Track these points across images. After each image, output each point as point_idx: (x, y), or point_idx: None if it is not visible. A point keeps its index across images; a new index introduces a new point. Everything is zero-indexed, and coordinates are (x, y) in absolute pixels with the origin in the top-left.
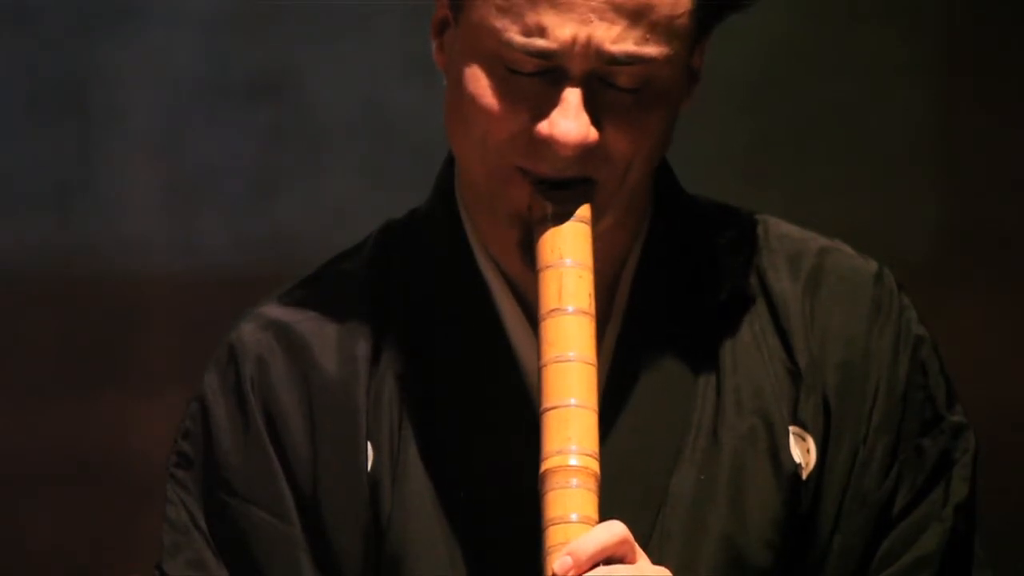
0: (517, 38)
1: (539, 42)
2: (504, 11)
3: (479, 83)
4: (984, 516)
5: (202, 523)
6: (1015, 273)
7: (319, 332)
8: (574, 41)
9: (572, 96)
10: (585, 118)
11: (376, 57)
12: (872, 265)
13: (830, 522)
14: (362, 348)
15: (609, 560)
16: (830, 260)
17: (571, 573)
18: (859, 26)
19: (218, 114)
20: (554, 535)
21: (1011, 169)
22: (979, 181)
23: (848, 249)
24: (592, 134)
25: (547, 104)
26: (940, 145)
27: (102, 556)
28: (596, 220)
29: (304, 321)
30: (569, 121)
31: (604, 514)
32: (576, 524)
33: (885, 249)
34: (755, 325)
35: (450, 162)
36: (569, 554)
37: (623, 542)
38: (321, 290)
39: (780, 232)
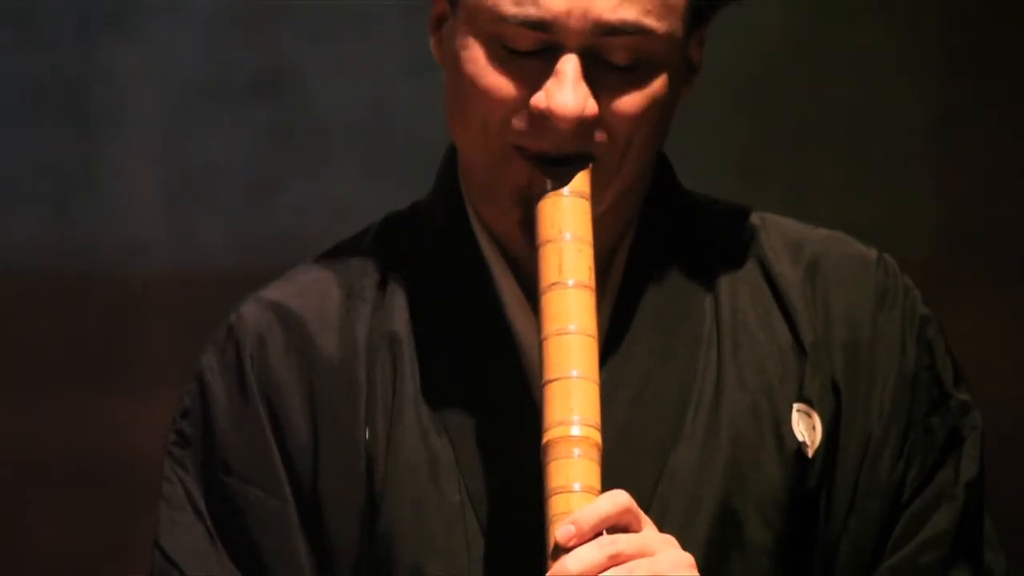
0: (511, 8)
1: (532, 11)
2: None
3: (477, 65)
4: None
5: (199, 501)
6: (1015, 273)
7: (319, 313)
8: (569, 13)
9: (569, 67)
10: (584, 89)
11: (377, 57)
12: (872, 251)
13: (844, 506)
14: (361, 329)
15: (613, 529)
16: (830, 247)
17: (573, 542)
18: (859, 25)
19: (218, 114)
20: (557, 504)
21: (1011, 169)
22: (979, 181)
23: (847, 237)
24: (591, 106)
25: (544, 79)
26: (940, 145)
27: (102, 556)
28: (595, 200)
29: (305, 304)
30: (566, 92)
31: (602, 488)
32: (579, 493)
33: (885, 249)
34: (757, 305)
35: (452, 152)
36: (572, 523)
37: (626, 511)
38: (321, 274)
39: (778, 224)
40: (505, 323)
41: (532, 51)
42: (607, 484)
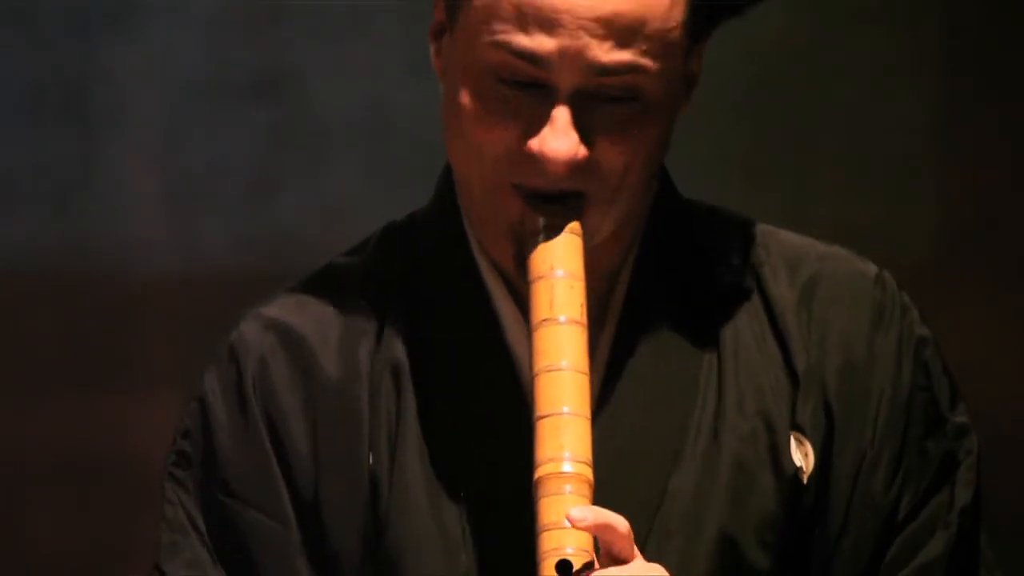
0: (503, 37)
1: (526, 43)
2: (494, 20)
3: (472, 98)
4: (984, 515)
5: (200, 523)
6: (1015, 273)
7: (321, 333)
8: (562, 54)
9: (561, 114)
10: (574, 136)
11: (377, 57)
12: (871, 268)
13: (837, 527)
14: (363, 350)
15: (609, 553)
16: (829, 265)
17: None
18: (859, 26)
19: (218, 114)
20: (548, 541)
21: (1011, 169)
22: (979, 181)
23: (847, 253)
24: (581, 151)
25: (538, 121)
26: (940, 145)
27: (102, 556)
28: (591, 233)
29: (306, 322)
30: (559, 139)
31: None
32: (570, 530)
33: (885, 249)
34: (755, 328)
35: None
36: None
37: (624, 537)
38: (322, 291)
39: (778, 239)
40: (505, 350)
41: (525, 84)
42: (607, 508)
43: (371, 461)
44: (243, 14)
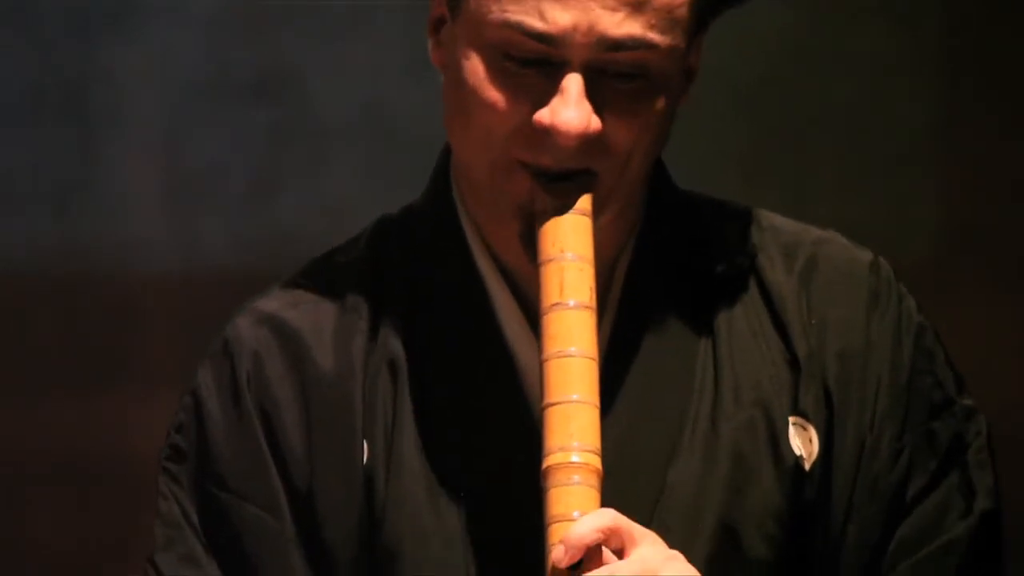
0: (514, 17)
1: (539, 24)
2: None
3: (479, 76)
4: None
5: (194, 518)
6: (1015, 273)
7: (315, 327)
8: (574, 28)
9: (573, 85)
10: (587, 106)
11: (377, 57)
12: (867, 254)
13: (842, 512)
14: (358, 343)
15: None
16: (824, 250)
17: (564, 561)
18: (859, 25)
19: (218, 114)
20: (556, 532)
21: (1011, 169)
22: (979, 181)
23: (842, 239)
24: (594, 123)
25: (547, 95)
26: (940, 145)
27: (102, 556)
28: (596, 214)
29: (300, 316)
30: (570, 110)
31: (602, 506)
32: (578, 521)
33: (885, 249)
34: (752, 317)
35: (446, 157)
36: (562, 542)
37: (617, 532)
38: (316, 285)
39: (774, 225)
40: (503, 342)
41: (534, 61)
42: (607, 501)
43: (366, 454)
44: (243, 14)
